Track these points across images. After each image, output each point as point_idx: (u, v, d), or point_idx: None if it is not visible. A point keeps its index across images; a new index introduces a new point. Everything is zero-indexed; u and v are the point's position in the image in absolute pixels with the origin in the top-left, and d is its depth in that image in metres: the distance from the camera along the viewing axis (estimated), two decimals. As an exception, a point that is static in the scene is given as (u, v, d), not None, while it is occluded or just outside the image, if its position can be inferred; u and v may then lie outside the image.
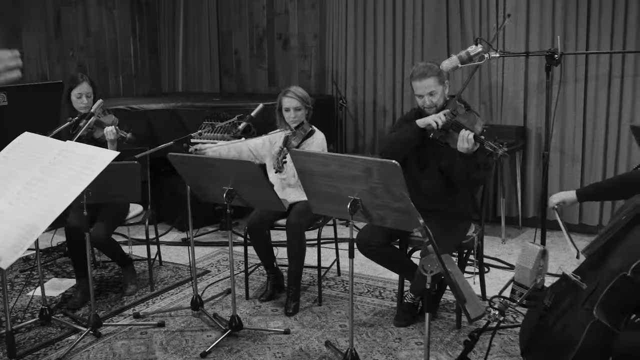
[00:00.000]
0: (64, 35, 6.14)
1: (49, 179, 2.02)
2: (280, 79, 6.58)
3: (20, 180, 2.06)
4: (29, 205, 1.94)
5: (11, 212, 1.94)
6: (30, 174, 2.06)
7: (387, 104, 5.88)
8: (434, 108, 3.52)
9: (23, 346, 3.48)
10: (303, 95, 3.99)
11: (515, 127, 5.15)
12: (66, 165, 2.05)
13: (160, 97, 6.30)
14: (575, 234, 5.03)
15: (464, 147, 3.23)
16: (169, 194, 5.61)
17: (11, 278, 4.50)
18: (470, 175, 3.35)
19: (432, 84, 3.48)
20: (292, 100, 3.95)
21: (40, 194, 1.97)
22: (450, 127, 3.35)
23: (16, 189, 2.03)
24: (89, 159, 2.06)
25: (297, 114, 3.96)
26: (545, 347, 2.55)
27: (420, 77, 3.49)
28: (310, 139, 4.04)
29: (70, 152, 2.11)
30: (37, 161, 2.11)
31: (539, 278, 2.39)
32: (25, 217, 1.91)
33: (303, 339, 3.54)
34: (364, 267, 4.47)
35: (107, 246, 4.06)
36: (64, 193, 1.95)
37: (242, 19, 6.69)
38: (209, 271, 4.61)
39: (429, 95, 3.50)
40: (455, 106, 3.45)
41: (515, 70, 5.18)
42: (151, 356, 3.37)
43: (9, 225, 1.90)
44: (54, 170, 2.04)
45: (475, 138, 3.20)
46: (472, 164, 3.32)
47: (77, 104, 4.07)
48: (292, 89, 4.01)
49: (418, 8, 5.55)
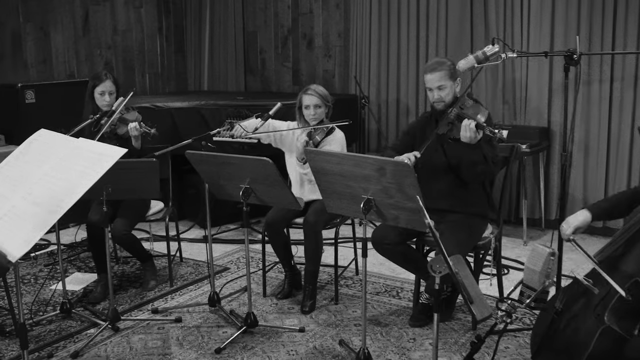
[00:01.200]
0: (92, 33, 6.25)
1: (60, 175, 2.06)
2: (304, 78, 6.61)
3: (33, 176, 2.11)
4: (39, 201, 1.99)
5: (23, 207, 1.99)
6: (42, 170, 2.11)
7: (411, 103, 5.86)
8: (442, 103, 3.52)
9: (43, 338, 3.55)
10: (323, 93, 4.00)
11: (538, 127, 5.09)
12: (77, 162, 2.09)
13: (185, 95, 6.37)
14: (598, 236, 4.96)
15: (467, 135, 3.23)
16: (192, 192, 5.67)
17: (35, 272, 4.59)
18: (476, 165, 3.34)
19: (442, 78, 3.48)
20: (312, 98, 3.96)
21: (51, 190, 2.01)
22: (456, 119, 3.36)
23: (29, 185, 2.08)
24: (99, 156, 2.10)
25: (317, 112, 3.97)
26: (556, 351, 2.52)
27: (431, 71, 3.50)
28: (331, 136, 4.04)
29: (81, 149, 2.15)
30: (50, 158, 2.16)
31: (547, 280, 2.37)
32: (35, 212, 1.96)
33: (317, 337, 3.55)
34: (383, 267, 4.47)
35: (127, 242, 4.12)
36: (73, 189, 1.99)
37: (267, 18, 6.73)
38: (229, 268, 4.64)
39: (438, 90, 3.50)
40: (464, 101, 3.46)
41: (539, 70, 5.13)
42: (167, 351, 3.42)
43: (20, 220, 1.96)
44: (64, 167, 2.09)
45: (477, 126, 3.20)
46: (477, 155, 3.31)
47: (100, 101, 4.13)
48: (312, 86, 4.03)
49: (442, 8, 5.53)
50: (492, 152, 3.39)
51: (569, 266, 4.03)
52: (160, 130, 4.16)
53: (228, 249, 5.10)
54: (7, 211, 2.02)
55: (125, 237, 4.05)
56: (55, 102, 5.31)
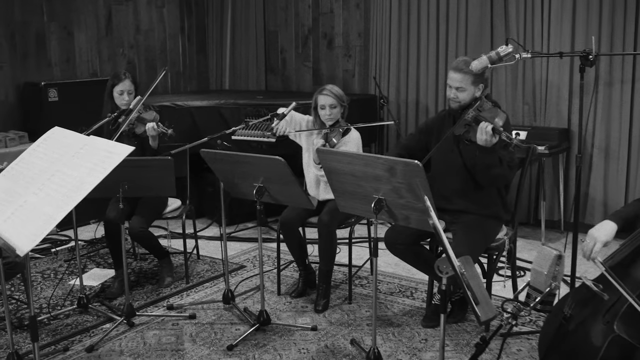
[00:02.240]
0: (115, 33, 6.33)
1: (70, 172, 2.10)
2: (324, 77, 6.62)
3: (46, 173, 2.16)
4: (50, 197, 2.03)
5: (34, 202, 2.04)
6: (54, 166, 2.16)
7: (430, 103, 5.85)
8: (457, 103, 3.50)
9: (60, 332, 3.62)
10: (339, 93, 4.01)
11: (558, 129, 5.04)
12: (87, 159, 2.13)
13: (205, 94, 6.42)
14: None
15: (483, 138, 3.21)
16: (211, 190, 5.72)
17: (55, 267, 4.67)
18: (490, 168, 3.32)
19: (463, 80, 3.44)
20: (328, 98, 3.97)
21: (61, 186, 2.06)
22: (473, 121, 3.34)
23: (41, 181, 2.12)
24: (107, 154, 2.14)
25: (332, 112, 3.98)
26: (563, 357, 2.49)
27: (455, 69, 3.47)
28: (347, 137, 4.05)
29: (91, 146, 2.19)
30: (61, 155, 2.20)
31: (553, 283, 2.35)
32: (45, 208, 2.00)
33: (329, 336, 3.56)
34: (399, 267, 4.47)
35: (143, 238, 4.17)
36: (81, 185, 2.03)
37: (288, 18, 6.76)
38: (245, 266, 4.68)
39: (456, 90, 3.48)
40: (482, 103, 3.44)
41: (560, 71, 5.08)
42: (180, 347, 3.46)
43: (30, 215, 2.00)
44: (75, 164, 2.13)
45: (493, 130, 3.17)
46: (493, 158, 3.29)
47: (119, 100, 4.19)
48: (327, 87, 4.04)
49: (462, 7, 5.50)
50: (508, 155, 3.36)
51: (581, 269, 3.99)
52: (180, 129, 4.20)
53: (245, 247, 5.13)
54: (19, 206, 2.06)
55: (142, 233, 4.10)
56: (78, 100, 5.39)
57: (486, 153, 3.29)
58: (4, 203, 2.10)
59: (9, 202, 2.09)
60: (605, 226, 2.59)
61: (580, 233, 3.45)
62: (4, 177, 2.27)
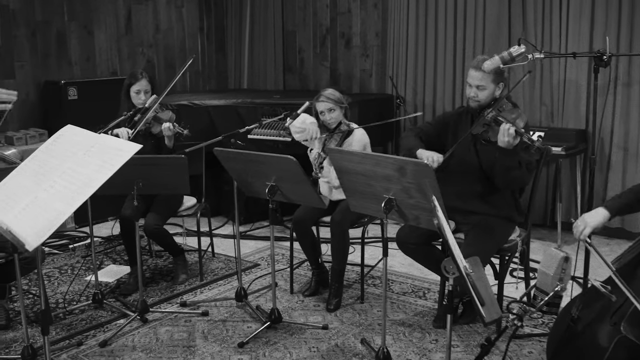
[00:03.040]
0: (134, 32, 6.40)
1: (80, 169, 2.14)
2: (341, 77, 6.63)
3: (57, 170, 2.20)
4: (59, 193, 2.07)
5: (44, 198, 2.08)
6: (65, 164, 2.20)
7: (447, 104, 5.82)
8: (477, 102, 3.48)
9: (74, 327, 3.67)
10: (334, 96, 4.01)
11: (575, 130, 5.00)
12: (97, 157, 2.17)
13: (223, 93, 6.46)
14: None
15: (504, 140, 3.19)
16: (227, 188, 5.75)
17: (72, 263, 4.74)
18: (510, 171, 3.30)
19: (485, 78, 3.42)
20: (324, 104, 4.00)
21: (71, 183, 2.09)
22: (494, 121, 3.33)
23: (52, 178, 2.16)
24: (116, 151, 2.18)
25: (332, 115, 4.00)
26: (570, 358, 2.48)
27: (476, 68, 3.44)
28: (350, 138, 4.06)
29: (101, 144, 2.23)
30: (73, 152, 2.24)
31: (560, 285, 2.34)
32: (55, 204, 2.04)
33: (340, 335, 3.57)
34: (412, 268, 4.46)
35: (158, 236, 4.21)
36: (89, 182, 2.07)
37: (306, 17, 6.78)
38: (259, 265, 4.71)
39: (477, 88, 3.45)
40: (503, 103, 3.42)
41: (578, 72, 5.04)
42: (191, 343, 3.49)
43: (40, 211, 2.04)
44: (85, 161, 2.17)
45: (515, 132, 3.16)
46: (512, 160, 3.27)
47: (136, 99, 4.23)
48: (323, 92, 4.05)
49: (480, 7, 5.47)
50: (527, 157, 3.34)
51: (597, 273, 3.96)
52: (197, 127, 4.23)
53: (260, 245, 5.16)
54: (30, 202, 2.10)
55: (157, 231, 4.14)
56: (97, 99, 5.46)
57: (506, 155, 3.27)
58: (16, 198, 2.15)
59: (21, 197, 2.14)
60: (598, 213, 2.69)
61: (595, 235, 3.42)
62: (17, 173, 2.32)
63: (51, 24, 5.77)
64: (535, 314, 2.97)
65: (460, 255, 2.33)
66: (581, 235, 2.63)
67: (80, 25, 5.97)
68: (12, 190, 2.20)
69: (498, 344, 3.15)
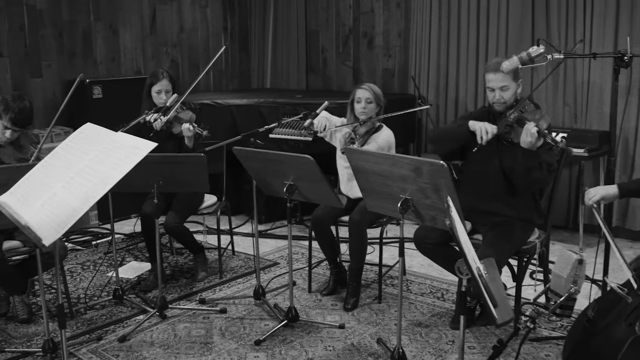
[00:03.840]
0: (158, 32, 6.47)
1: (97, 167, 2.18)
2: (364, 77, 6.63)
3: (75, 167, 2.24)
4: (76, 190, 2.11)
5: (62, 195, 2.12)
6: (83, 161, 2.24)
7: (470, 104, 5.80)
8: (503, 105, 3.46)
9: (95, 322, 3.73)
10: (377, 91, 4.03)
11: (599, 131, 4.94)
12: (113, 155, 2.21)
13: (246, 92, 6.51)
14: None
15: (527, 140, 3.17)
16: (248, 187, 5.77)
17: (95, 259, 4.81)
18: (531, 172, 3.28)
19: (505, 78, 3.41)
20: (365, 92, 3.99)
21: (88, 180, 2.14)
22: (516, 122, 3.31)
23: (70, 175, 2.21)
24: (131, 149, 2.21)
25: (367, 107, 3.99)
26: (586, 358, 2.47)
27: (494, 71, 3.44)
28: (376, 134, 4.06)
29: (118, 142, 2.27)
30: (91, 150, 2.28)
31: (573, 287, 2.32)
32: (71, 201, 2.08)
33: (356, 335, 3.58)
34: (431, 268, 4.45)
35: (178, 233, 4.26)
36: (106, 180, 2.11)
37: (329, 17, 6.79)
38: (278, 263, 4.73)
39: (500, 90, 3.44)
40: (525, 104, 3.40)
41: (603, 72, 4.98)
42: (209, 340, 3.52)
43: (57, 207, 2.09)
44: (102, 159, 2.20)
45: (539, 133, 3.14)
46: (534, 161, 3.26)
47: (157, 99, 4.27)
48: (368, 83, 4.08)
49: (503, 7, 5.44)
50: (548, 159, 3.32)
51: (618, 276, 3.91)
52: (219, 126, 4.25)
53: (280, 244, 5.19)
54: (48, 199, 2.15)
55: (177, 228, 4.18)
56: (121, 97, 5.52)
57: (529, 156, 3.26)
58: (36, 195, 2.19)
59: (40, 194, 2.19)
60: (610, 187, 2.92)
61: (618, 238, 3.39)
62: (38, 170, 2.36)
63: (77, 24, 5.86)
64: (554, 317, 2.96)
65: (474, 256, 2.32)
66: (590, 200, 2.87)
67: (105, 25, 6.05)
68: (32, 187, 2.25)
69: (516, 347, 3.13)
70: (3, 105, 3.55)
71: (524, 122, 3.25)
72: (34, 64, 5.63)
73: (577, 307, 2.76)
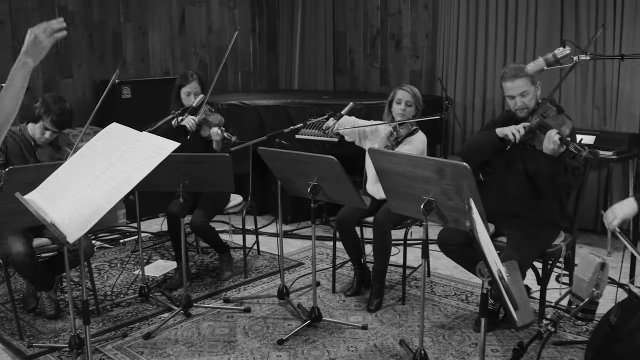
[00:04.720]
0: (187, 33, 6.54)
1: (121, 166, 2.22)
2: (392, 78, 6.62)
3: (100, 166, 2.28)
4: (101, 189, 2.16)
5: (87, 193, 2.16)
6: (108, 160, 2.28)
7: (497, 105, 5.75)
8: (525, 110, 3.44)
9: (120, 319, 3.78)
10: (417, 94, 4.04)
11: (628, 134, 4.86)
12: (137, 154, 2.25)
13: (274, 93, 6.54)
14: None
15: (549, 147, 3.15)
16: (274, 187, 5.80)
17: (122, 257, 4.88)
18: (556, 177, 3.25)
19: (524, 84, 3.40)
20: (406, 94, 4.00)
21: (112, 179, 2.18)
22: (538, 128, 3.28)
23: (95, 173, 2.25)
24: (155, 149, 2.24)
25: (406, 109, 3.99)
26: (608, 364, 2.44)
27: (512, 78, 3.43)
28: (413, 136, 4.05)
29: (142, 142, 2.31)
30: (116, 149, 2.32)
31: (595, 291, 2.29)
32: (95, 199, 2.12)
33: (379, 336, 3.58)
34: (456, 270, 4.42)
35: (204, 232, 4.30)
36: (129, 179, 2.15)
37: (357, 19, 6.80)
38: (303, 263, 4.75)
39: (521, 96, 3.42)
40: (546, 109, 3.37)
41: (633, 74, 4.90)
42: (232, 339, 3.55)
43: (81, 205, 2.13)
44: (126, 158, 2.24)
45: (561, 140, 3.10)
46: (558, 167, 3.22)
47: (186, 101, 4.30)
48: (409, 85, 4.09)
49: (532, 8, 5.38)
50: (573, 163, 3.28)
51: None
52: (246, 127, 4.27)
53: (305, 244, 5.20)
54: (73, 197, 2.19)
55: (202, 227, 4.22)
56: (150, 97, 5.59)
57: (552, 162, 3.23)
58: (61, 193, 2.24)
59: (65, 192, 2.23)
60: (627, 203, 2.69)
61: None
62: (64, 168, 2.41)
63: (107, 25, 5.95)
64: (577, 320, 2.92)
65: (495, 258, 2.31)
66: (611, 225, 2.65)
67: (135, 26, 6.14)
68: (58, 185, 2.30)
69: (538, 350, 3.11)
70: (44, 107, 3.62)
71: (546, 129, 3.22)
72: (65, 64, 5.73)
73: (602, 310, 2.73)
